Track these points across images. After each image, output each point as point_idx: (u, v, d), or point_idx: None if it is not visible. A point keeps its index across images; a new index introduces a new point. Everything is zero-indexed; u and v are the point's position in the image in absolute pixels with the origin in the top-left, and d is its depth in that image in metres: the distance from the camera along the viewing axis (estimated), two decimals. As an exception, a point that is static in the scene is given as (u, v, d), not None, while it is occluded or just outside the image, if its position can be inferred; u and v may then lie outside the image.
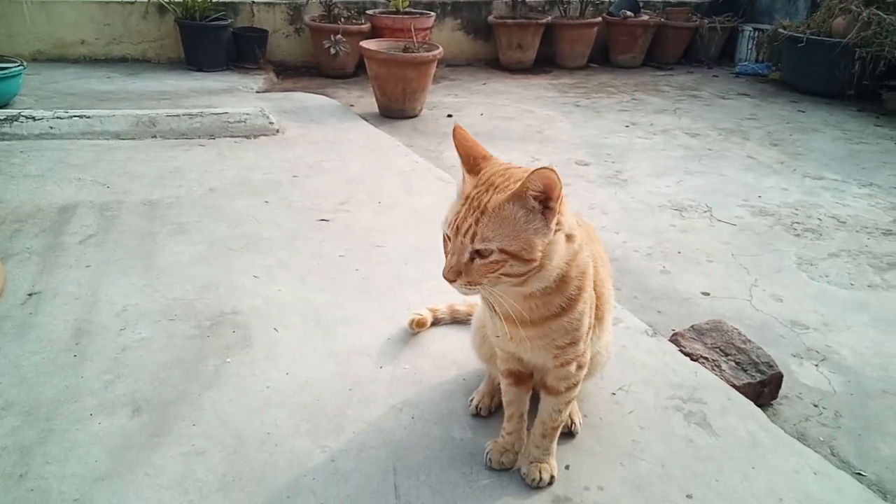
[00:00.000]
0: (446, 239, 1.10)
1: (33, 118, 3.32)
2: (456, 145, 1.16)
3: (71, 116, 3.38)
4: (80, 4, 4.94)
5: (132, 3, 5.02)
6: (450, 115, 4.37)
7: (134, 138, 3.34)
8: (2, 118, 3.27)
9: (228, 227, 2.44)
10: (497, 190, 1.07)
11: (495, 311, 1.16)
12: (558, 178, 1.02)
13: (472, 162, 1.14)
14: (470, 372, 1.68)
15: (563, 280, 1.13)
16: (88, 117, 3.39)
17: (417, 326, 1.81)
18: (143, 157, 3.11)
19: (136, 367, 1.65)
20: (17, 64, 3.82)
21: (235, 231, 2.41)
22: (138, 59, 5.12)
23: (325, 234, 2.43)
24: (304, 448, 1.42)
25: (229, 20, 5.06)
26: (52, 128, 3.30)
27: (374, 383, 1.63)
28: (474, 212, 1.06)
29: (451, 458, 1.41)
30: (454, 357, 1.74)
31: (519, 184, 1.04)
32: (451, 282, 1.07)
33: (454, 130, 1.17)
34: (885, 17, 4.87)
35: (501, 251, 1.04)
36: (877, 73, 4.88)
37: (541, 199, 1.04)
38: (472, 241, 1.05)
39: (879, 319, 2.19)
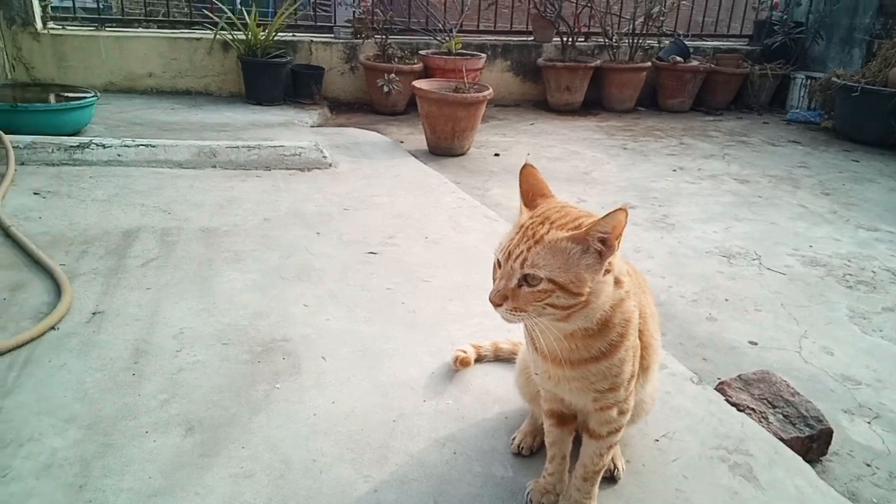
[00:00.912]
0: (496, 266, 1.13)
1: (103, 146, 3.51)
2: (521, 179, 1.20)
3: (137, 145, 3.56)
4: (150, 40, 5.24)
5: (198, 39, 5.31)
6: (497, 155, 4.44)
7: (195, 167, 3.50)
8: (74, 145, 3.47)
9: (281, 256, 2.53)
10: (553, 224, 1.09)
11: (536, 347, 1.18)
12: (626, 220, 1.05)
13: (531, 197, 1.18)
14: (513, 410, 1.69)
15: (605, 324, 1.15)
16: (153, 146, 3.57)
17: (461, 364, 1.83)
18: (203, 186, 3.25)
19: (190, 388, 1.72)
20: (91, 95, 4.07)
21: (288, 261, 2.49)
22: (201, 92, 5.39)
23: (374, 266, 2.49)
24: (347, 477, 1.45)
25: (288, 58, 5.29)
26: (119, 155, 3.48)
27: (417, 416, 1.66)
28: (528, 240, 1.08)
29: (492, 496, 1.42)
30: (497, 394, 1.76)
31: (581, 222, 1.08)
32: (496, 305, 1.09)
33: (524, 166, 1.21)
34: (945, 68, 4.79)
35: (550, 280, 1.06)
36: (936, 124, 4.77)
37: (602, 239, 1.05)
38: (522, 265, 1.07)
39: (937, 378, 2.12)
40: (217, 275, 2.34)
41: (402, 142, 4.56)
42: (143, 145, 3.57)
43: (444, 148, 4.30)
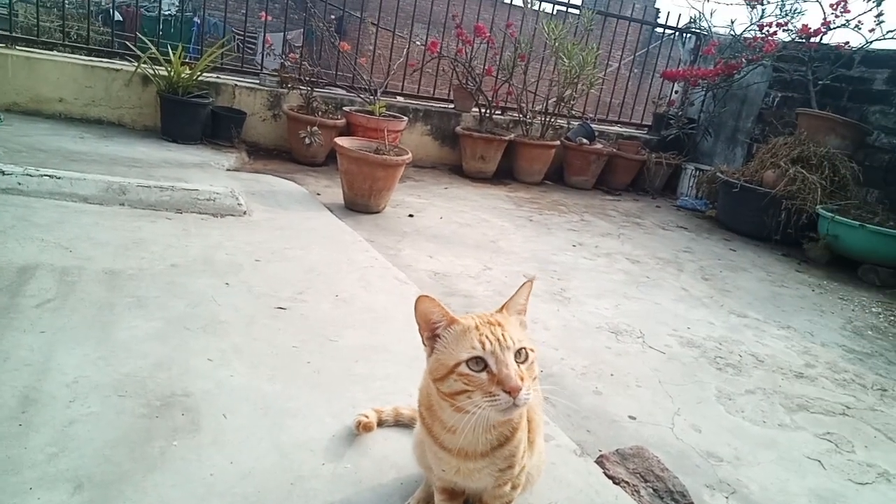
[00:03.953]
0: (479, 366, 1.19)
1: (2, 172, 3.36)
2: (419, 313, 1.28)
3: (41, 175, 3.43)
4: (65, 65, 5.08)
5: (118, 70, 5.20)
6: (411, 216, 4.59)
7: (102, 204, 3.40)
8: (-30, 169, 3.30)
9: (187, 305, 2.51)
10: (489, 316, 1.26)
11: (446, 448, 1.30)
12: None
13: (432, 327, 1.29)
14: (408, 476, 1.76)
15: None
16: (59, 178, 3.45)
17: (364, 429, 1.89)
18: (109, 224, 3.17)
19: (82, 441, 1.67)
20: (-7, 116, 3.88)
21: (194, 310, 2.48)
22: (113, 123, 5.25)
23: (282, 322, 2.52)
24: (241, 540, 1.46)
25: (210, 99, 5.28)
26: (19, 184, 3.34)
27: (315, 479, 1.70)
28: (495, 327, 1.22)
29: (383, 562, 1.48)
30: (394, 460, 1.83)
31: (509, 299, 1.29)
32: (518, 389, 1.15)
33: (420, 299, 1.27)
34: (808, 175, 5.46)
35: (532, 350, 1.23)
36: (799, 223, 5.40)
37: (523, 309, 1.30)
38: (515, 343, 1.20)
39: (785, 458, 2.38)
40: (118, 321, 2.30)
41: (318, 194, 4.63)
42: (47, 176, 3.44)
43: (360, 205, 4.41)
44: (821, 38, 6.26)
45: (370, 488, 1.71)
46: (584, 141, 6.63)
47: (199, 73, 5.23)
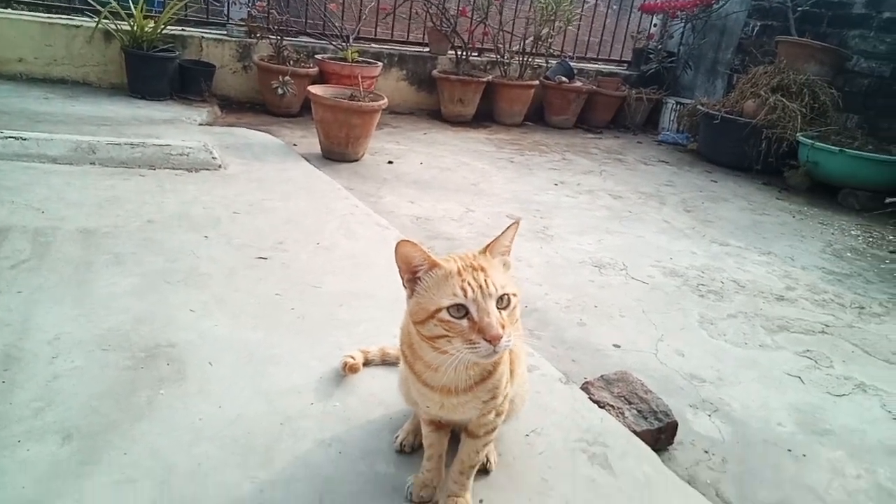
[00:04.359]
0: (463, 312, 1.17)
1: (-35, 136, 3.26)
2: (399, 257, 1.23)
3: (5, 137, 3.33)
4: (21, 23, 4.89)
5: (77, 27, 5.01)
6: (390, 162, 4.53)
7: (72, 164, 3.32)
8: (-69, 134, 3.20)
9: (166, 260, 2.48)
10: (473, 258, 1.22)
11: (429, 385, 1.31)
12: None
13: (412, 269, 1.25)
14: (396, 412, 1.78)
15: None
16: (24, 139, 3.36)
17: (350, 371, 1.90)
18: (81, 183, 3.11)
19: (67, 395, 1.67)
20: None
21: (173, 265, 2.45)
22: (79, 82, 5.08)
23: (263, 272, 2.51)
24: (233, 479, 1.48)
25: (177, 52, 5.11)
26: (-16, 147, 3.25)
27: (304, 419, 1.71)
28: (477, 272, 1.19)
29: (375, 492, 1.51)
30: (382, 397, 1.85)
31: (493, 241, 1.25)
32: (499, 338, 1.14)
33: (399, 245, 1.22)
34: (788, 103, 5.44)
35: (514, 294, 1.21)
36: (780, 152, 5.40)
37: (507, 250, 1.28)
38: (497, 289, 1.17)
39: (766, 376, 2.44)
40: (96, 278, 2.27)
41: (295, 145, 4.55)
42: (12, 137, 3.34)
43: (337, 153, 4.34)
44: (799, -39, 6.12)
45: (359, 425, 1.73)
46: (564, 79, 6.53)
47: (163, 27, 5.05)
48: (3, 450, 1.47)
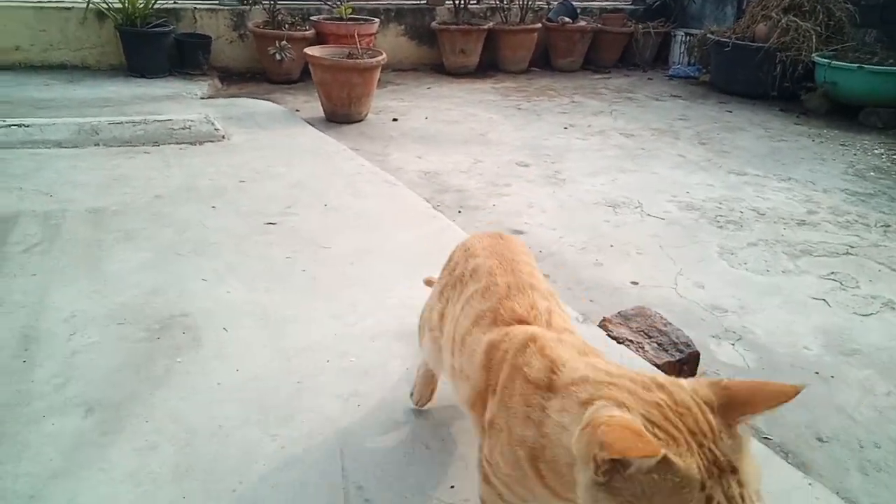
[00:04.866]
0: None
1: (-31, 128, 3.26)
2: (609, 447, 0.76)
3: (9, 125, 3.34)
4: (11, 9, 4.84)
5: (69, 9, 4.96)
6: (395, 119, 4.46)
7: (76, 146, 3.32)
8: (-65, 128, 3.21)
9: (175, 232, 2.48)
10: (716, 442, 0.76)
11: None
12: None
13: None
14: (412, 364, 1.78)
15: None
16: (27, 126, 3.36)
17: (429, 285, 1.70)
18: (86, 165, 3.10)
19: (86, 370, 1.69)
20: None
21: (183, 236, 2.45)
22: (78, 66, 5.05)
23: (273, 237, 2.50)
24: (254, 437, 1.49)
25: (171, 26, 5.05)
26: (-11, 137, 3.25)
27: (321, 376, 1.72)
28: (728, 477, 0.75)
29: (395, 440, 1.51)
30: (397, 350, 1.84)
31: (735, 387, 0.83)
32: None
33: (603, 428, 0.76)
34: (801, 23, 5.21)
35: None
36: (796, 75, 5.21)
37: None
38: None
39: (790, 301, 2.39)
40: (108, 256, 2.28)
41: (297, 110, 4.50)
42: (15, 125, 3.34)
43: (341, 115, 4.28)
44: None
45: (376, 378, 1.73)
46: (567, 20, 6.32)
47: (154, 1, 4.97)
48: (28, 425, 1.50)
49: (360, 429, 1.54)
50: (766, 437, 1.71)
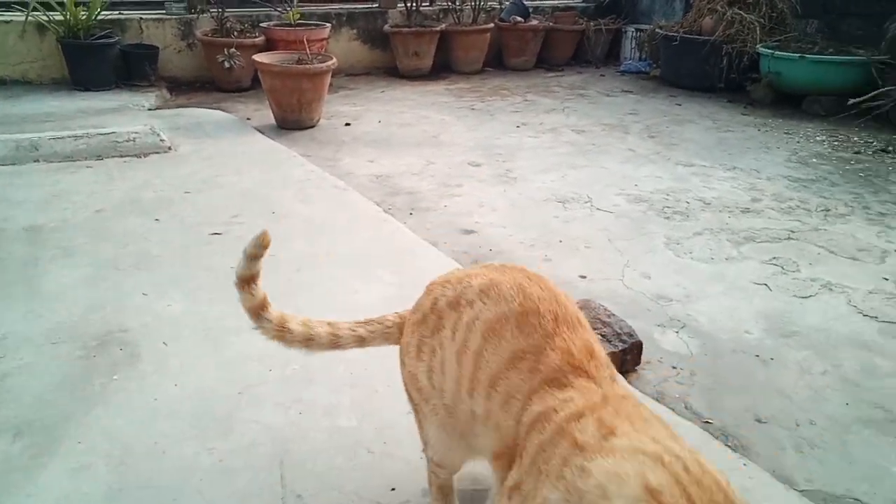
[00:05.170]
0: None
1: None
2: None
3: (-58, 145, 3.23)
4: (-53, 26, 4.69)
5: (7, 22, 4.82)
6: (348, 124, 4.44)
7: (14, 163, 3.23)
8: None
9: (116, 247, 2.43)
10: None
11: None
12: None
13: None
14: (358, 368, 1.77)
15: None
16: (-38, 145, 3.25)
17: None
18: (24, 182, 3.02)
19: (17, 392, 1.64)
20: None
21: (124, 251, 2.40)
22: (18, 81, 4.91)
23: (217, 247, 2.46)
24: (191, 452, 1.47)
25: (116, 38, 4.94)
26: (-79, 158, 3.14)
27: (263, 385, 1.70)
28: None
29: (338, 446, 1.50)
30: (343, 355, 1.82)
31: None
32: None
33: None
34: (746, 16, 5.33)
35: None
36: (741, 66, 5.32)
37: None
38: None
39: (733, 287, 2.44)
40: (44, 273, 2.22)
41: (248, 118, 4.44)
42: (-52, 144, 3.23)
43: (292, 121, 4.24)
44: None
45: (320, 384, 1.72)
46: (519, 19, 6.37)
47: (97, 12, 4.86)
48: (-47, 453, 1.45)
49: (301, 437, 1.52)
50: (706, 422, 1.74)
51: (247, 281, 1.37)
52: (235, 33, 5.18)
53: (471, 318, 1.03)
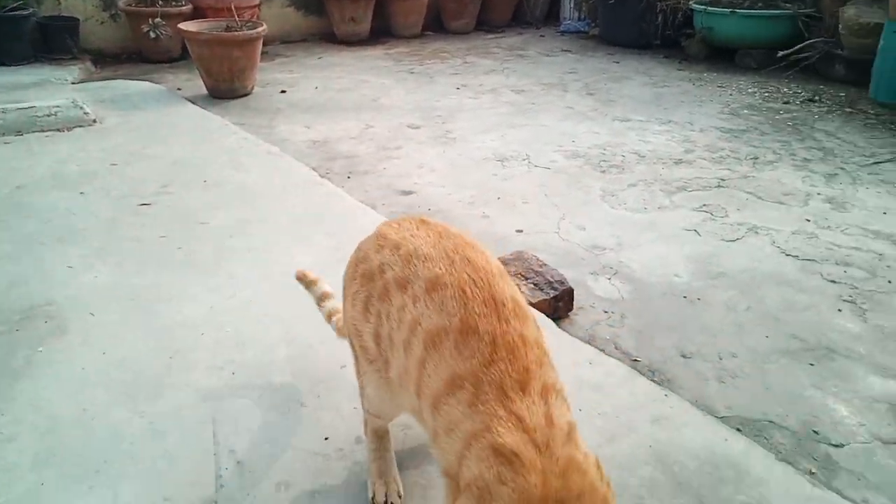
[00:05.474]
0: None
1: None
2: None
3: None
4: None
5: None
6: (283, 91, 4.34)
7: (-75, 142, 3.06)
8: None
9: (39, 222, 2.34)
10: None
11: None
12: None
13: None
14: (293, 327, 1.76)
15: None
16: None
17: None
18: (-63, 161, 2.87)
19: (-66, 371, 1.58)
20: None
21: (47, 226, 2.31)
22: (-74, 58, 4.61)
23: (146, 218, 2.40)
24: (121, 418, 1.45)
25: (31, 10, 4.68)
26: None
27: (195, 350, 1.68)
28: None
29: (270, 402, 1.50)
30: (279, 314, 1.82)
31: None
32: None
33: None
34: (678, -29, 5.39)
35: None
36: (676, 23, 5.40)
37: None
38: None
39: (665, 235, 2.51)
40: (-40, 252, 2.13)
41: (179, 89, 4.29)
42: None
43: (224, 90, 4.12)
44: None
45: (253, 345, 1.70)
46: (456, -19, 6.30)
47: (8, -18, 4.59)
48: None
49: (234, 396, 1.52)
50: (635, 360, 1.80)
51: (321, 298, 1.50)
52: (160, 2, 4.97)
53: (415, 317, 0.99)
